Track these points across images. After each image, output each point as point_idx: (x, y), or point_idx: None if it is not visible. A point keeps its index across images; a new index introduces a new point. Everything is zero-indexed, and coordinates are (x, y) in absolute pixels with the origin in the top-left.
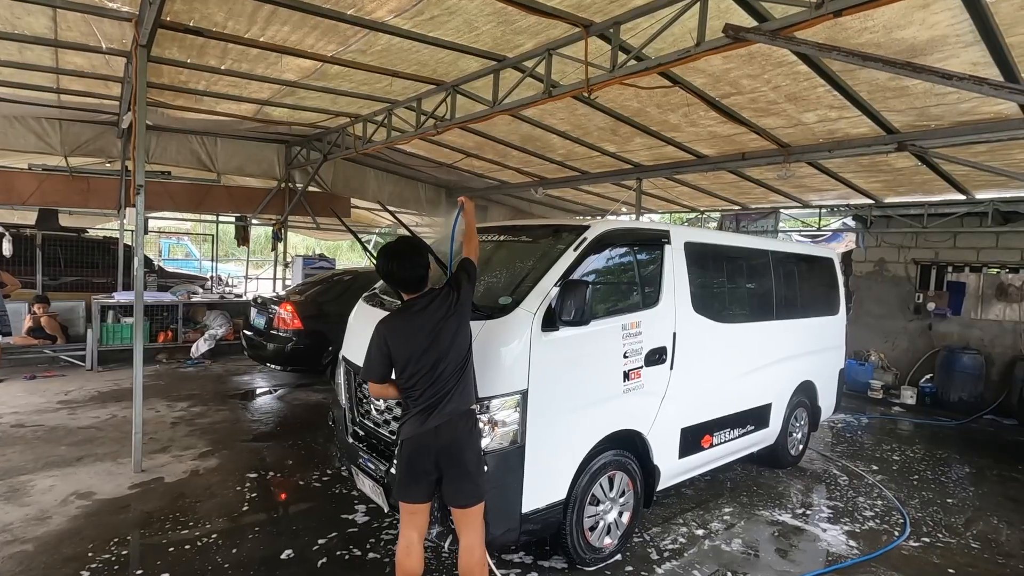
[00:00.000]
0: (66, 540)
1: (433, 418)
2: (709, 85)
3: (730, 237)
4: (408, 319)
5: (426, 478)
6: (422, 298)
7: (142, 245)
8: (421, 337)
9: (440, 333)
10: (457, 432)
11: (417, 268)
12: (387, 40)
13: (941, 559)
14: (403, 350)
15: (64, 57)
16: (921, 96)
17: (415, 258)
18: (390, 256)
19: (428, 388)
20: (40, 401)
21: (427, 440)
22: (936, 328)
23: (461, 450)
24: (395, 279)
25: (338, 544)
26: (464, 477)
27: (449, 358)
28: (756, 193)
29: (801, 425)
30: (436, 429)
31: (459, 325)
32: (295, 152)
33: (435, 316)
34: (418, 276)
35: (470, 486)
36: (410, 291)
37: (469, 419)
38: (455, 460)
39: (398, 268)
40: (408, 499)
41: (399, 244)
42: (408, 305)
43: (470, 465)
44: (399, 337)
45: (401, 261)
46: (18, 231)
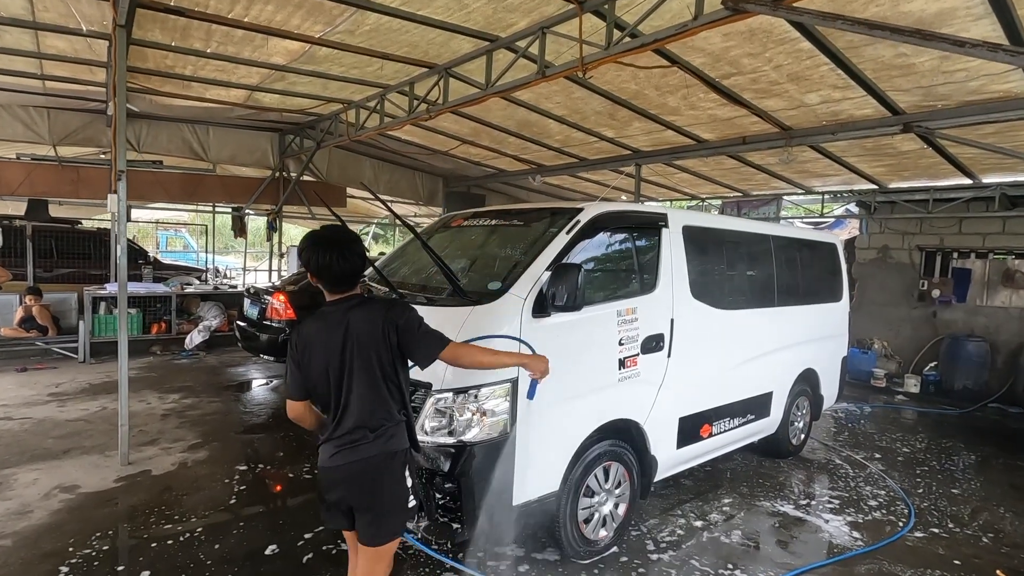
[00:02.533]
0: (46, 535)
1: (344, 453)
2: (708, 65)
3: (730, 221)
4: (330, 326)
5: (341, 510)
6: (348, 300)
7: (124, 232)
8: (337, 349)
9: (363, 352)
10: (378, 475)
11: (356, 259)
12: (375, 19)
13: (947, 550)
14: (318, 362)
15: (45, 41)
16: (928, 74)
17: (355, 247)
18: (328, 244)
19: (340, 415)
20: (30, 393)
21: (335, 476)
22: (941, 315)
23: (378, 491)
24: (332, 273)
25: (325, 538)
26: (380, 518)
27: (367, 386)
28: (757, 179)
29: (803, 414)
30: (348, 467)
31: (392, 360)
32: (288, 140)
33: (361, 329)
34: (356, 269)
35: (388, 525)
36: (341, 288)
37: (395, 460)
38: (369, 503)
39: (339, 259)
40: (332, 525)
41: (336, 231)
42: (334, 306)
43: (390, 506)
44: (314, 339)
45: (343, 250)
46: (10, 222)
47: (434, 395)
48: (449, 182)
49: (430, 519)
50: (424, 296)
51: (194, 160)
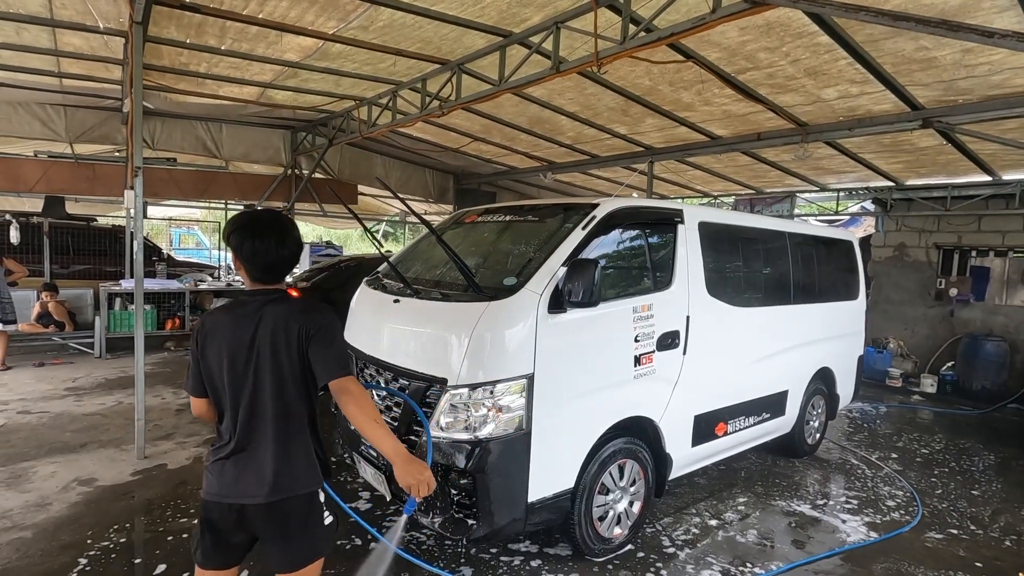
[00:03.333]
0: (65, 527)
1: (238, 483)
2: (724, 60)
3: (746, 218)
4: (239, 318)
5: (234, 544)
6: (267, 294)
7: (141, 228)
8: (243, 346)
9: (274, 354)
10: (285, 519)
11: (294, 247)
12: (389, 15)
13: (967, 552)
14: (216, 358)
15: (62, 38)
16: (950, 68)
17: (294, 233)
18: (266, 228)
19: (236, 426)
20: (47, 388)
21: (228, 515)
22: (958, 314)
23: (292, 524)
24: (265, 261)
25: (340, 533)
26: (294, 543)
27: (272, 394)
28: (771, 176)
29: (818, 413)
30: (237, 509)
31: (302, 367)
32: (300, 138)
33: (277, 326)
34: (292, 258)
35: (305, 547)
36: (268, 280)
37: (304, 506)
38: (280, 532)
39: (278, 246)
40: (207, 565)
41: (273, 215)
42: (250, 297)
43: (301, 530)
44: (216, 332)
45: (284, 237)
46: (27, 219)
47: (449, 391)
48: (460, 179)
49: (443, 513)
50: (439, 292)
51: (207, 157)
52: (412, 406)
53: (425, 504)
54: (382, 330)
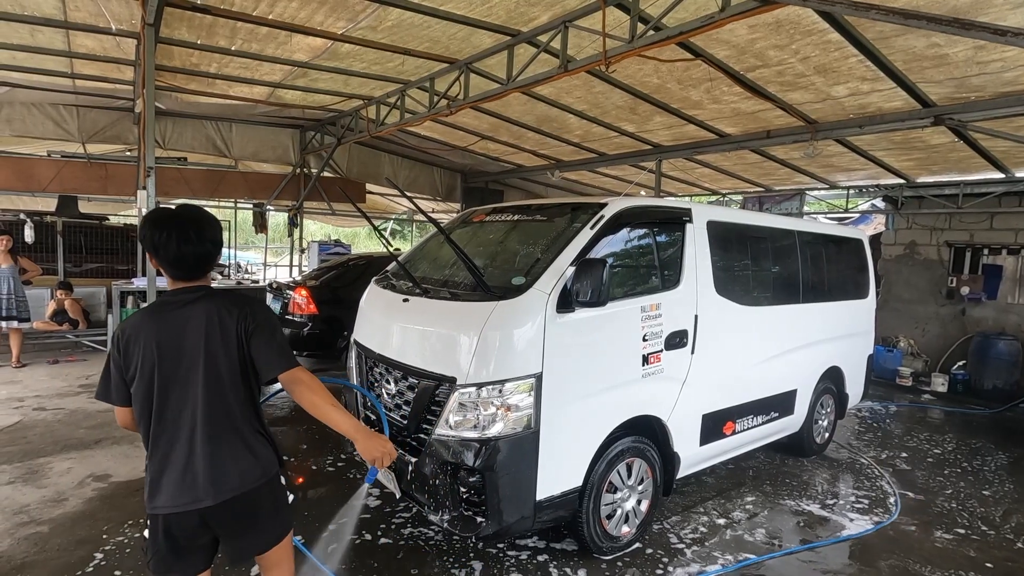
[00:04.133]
0: (81, 522)
1: (194, 489)
2: (733, 58)
3: (755, 216)
4: (164, 319)
5: (197, 547)
6: (191, 292)
7: None
8: (173, 339)
9: (208, 355)
10: (254, 509)
11: (205, 244)
12: (397, 15)
13: (978, 552)
14: (137, 355)
15: (75, 40)
16: (962, 65)
17: (205, 229)
18: (170, 222)
19: (177, 431)
20: (62, 385)
21: (187, 522)
22: (970, 313)
23: (256, 517)
24: (170, 255)
25: (348, 528)
26: (266, 526)
27: (212, 397)
28: (780, 174)
29: (827, 412)
30: (199, 513)
31: (243, 365)
32: (309, 137)
33: (209, 325)
34: (206, 253)
35: (275, 524)
36: (188, 275)
37: (269, 491)
38: (247, 522)
39: (181, 240)
40: (170, 574)
41: (185, 209)
42: (172, 296)
43: (272, 512)
44: (139, 337)
45: (187, 230)
46: (41, 218)
47: (458, 389)
48: (467, 178)
49: (453, 510)
50: (448, 291)
51: (217, 157)
52: (363, 392)
53: (435, 502)
54: (392, 329)
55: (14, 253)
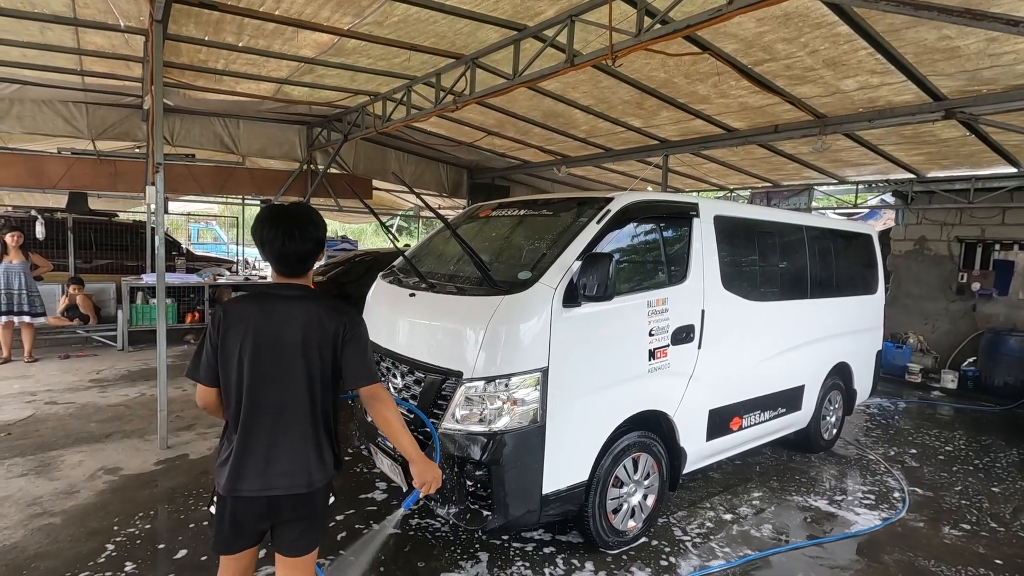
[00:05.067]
0: (92, 514)
1: (268, 476)
2: (741, 51)
3: (762, 211)
4: (269, 310)
5: (257, 531)
6: (295, 288)
7: (163, 223)
8: (273, 331)
9: (307, 351)
10: (312, 508)
11: (308, 242)
12: (404, 10)
13: (987, 549)
14: (235, 340)
15: (85, 37)
16: (973, 58)
17: (308, 228)
18: (280, 219)
19: (260, 420)
20: (73, 379)
21: (255, 508)
22: (981, 309)
23: (310, 512)
24: (275, 251)
25: (356, 520)
26: (313, 529)
27: (302, 392)
28: (788, 169)
29: (835, 408)
30: (278, 500)
31: (333, 369)
32: (316, 133)
33: (310, 324)
34: (308, 251)
35: (314, 532)
36: (288, 273)
37: (325, 495)
38: (299, 517)
39: (287, 238)
40: (230, 551)
41: (297, 208)
42: (278, 290)
43: (322, 516)
44: (240, 322)
45: (293, 228)
46: (51, 215)
47: (464, 384)
48: (473, 174)
49: (459, 503)
50: (455, 286)
51: (225, 153)
52: (422, 418)
53: (441, 495)
54: (398, 323)
55: (25, 249)
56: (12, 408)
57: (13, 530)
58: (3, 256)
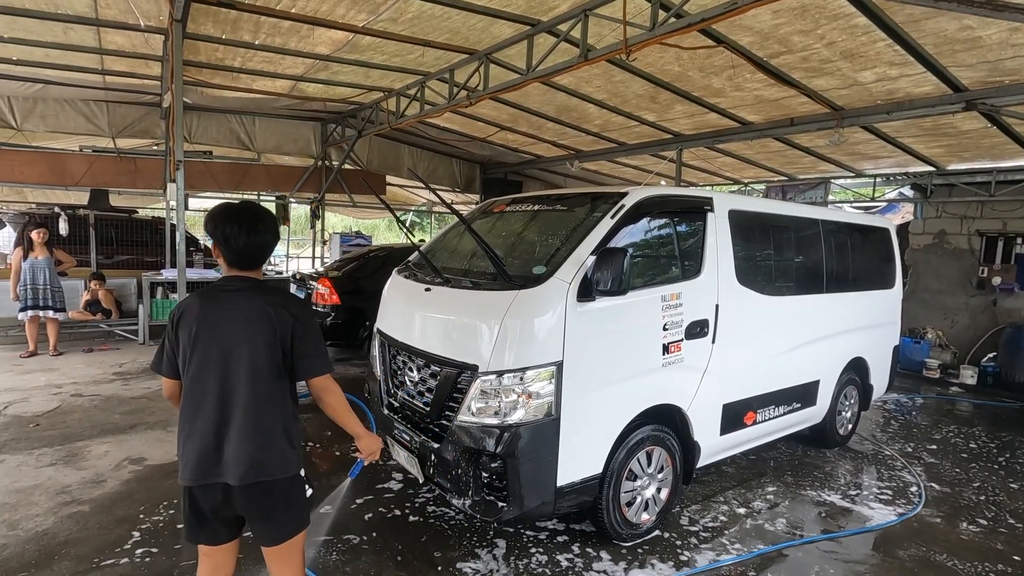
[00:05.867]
0: (119, 502)
1: (218, 465)
2: (756, 44)
3: (777, 205)
4: (214, 302)
5: (221, 519)
6: (246, 280)
7: (183, 219)
8: (217, 323)
9: (258, 341)
10: (267, 500)
11: (267, 234)
12: (418, 7)
13: (1006, 545)
14: (185, 333)
15: (106, 37)
16: (995, 48)
17: (268, 222)
18: (239, 214)
19: (210, 410)
20: (97, 372)
21: (209, 497)
22: (1001, 304)
23: (275, 505)
24: (239, 242)
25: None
26: (277, 520)
27: (256, 383)
28: (804, 162)
29: (851, 404)
30: (222, 489)
31: (283, 358)
32: (330, 130)
33: (262, 315)
34: (267, 244)
35: (279, 525)
36: (250, 264)
37: (285, 486)
38: (259, 511)
39: (250, 231)
40: (206, 541)
41: (250, 204)
42: (228, 283)
43: (284, 508)
44: (193, 316)
45: (254, 223)
46: (74, 211)
47: (480, 377)
48: (486, 169)
49: (475, 495)
50: (469, 280)
51: (241, 150)
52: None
53: (457, 487)
54: (414, 318)
55: (50, 245)
56: (40, 400)
57: (44, 517)
58: (29, 252)
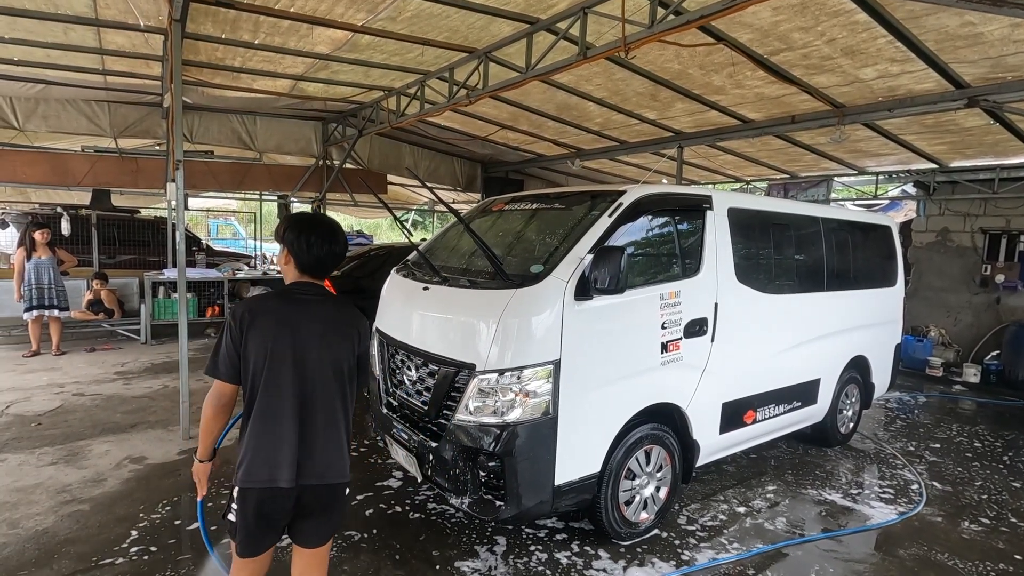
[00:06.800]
0: (119, 501)
1: (302, 468)
2: (756, 41)
3: (777, 203)
4: (292, 307)
5: (282, 526)
6: (319, 289)
7: (183, 219)
8: (303, 328)
9: (336, 351)
10: (336, 499)
11: (342, 246)
12: (416, 5)
13: (1007, 544)
14: (263, 335)
15: (106, 37)
16: (997, 44)
17: (343, 235)
18: (320, 224)
19: (292, 413)
20: (98, 372)
21: (285, 500)
22: (1005, 302)
23: (334, 506)
24: (320, 251)
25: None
26: (333, 519)
27: (333, 392)
28: (806, 160)
29: (852, 402)
30: (300, 491)
31: (351, 364)
32: (331, 129)
33: (339, 325)
34: (341, 255)
35: (337, 522)
36: (322, 273)
37: (344, 490)
38: (328, 509)
39: (331, 241)
40: (261, 550)
41: (327, 217)
42: (299, 288)
43: (342, 507)
44: (271, 319)
45: (334, 233)
46: (76, 211)
47: (477, 376)
48: (487, 167)
49: (473, 494)
50: (467, 279)
51: (242, 150)
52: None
53: (455, 486)
54: (412, 317)
55: (52, 245)
56: (42, 399)
57: (44, 516)
58: (32, 252)
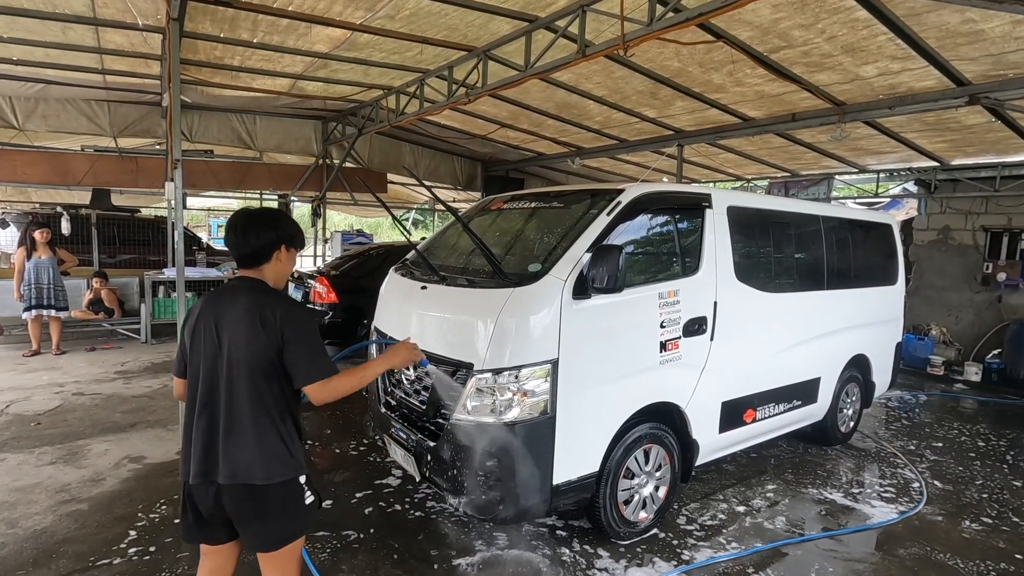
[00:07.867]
0: (118, 500)
1: (215, 464)
2: (756, 39)
3: (777, 201)
4: (216, 302)
5: (219, 520)
6: (247, 280)
7: (181, 218)
8: (217, 323)
9: (245, 337)
10: (261, 503)
11: (257, 234)
12: (415, 4)
13: (1008, 543)
14: (192, 331)
15: (105, 36)
16: (998, 41)
17: (256, 227)
18: (238, 221)
19: (210, 409)
20: (98, 371)
21: (204, 496)
22: (1007, 300)
23: (268, 511)
24: (236, 247)
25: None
26: (270, 526)
27: (243, 380)
28: (807, 158)
29: (852, 401)
30: (216, 490)
31: (274, 362)
32: (331, 128)
33: (245, 310)
34: (256, 244)
35: (270, 530)
36: (244, 264)
37: (282, 491)
38: (252, 514)
39: (241, 236)
40: (194, 540)
41: (253, 210)
42: (230, 282)
43: (278, 512)
44: (197, 315)
45: (246, 228)
46: (76, 211)
47: (475, 375)
48: (487, 166)
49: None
50: (466, 278)
51: (242, 149)
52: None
53: (453, 485)
54: (410, 316)
55: (52, 245)
56: (41, 399)
57: (43, 515)
58: (32, 252)
